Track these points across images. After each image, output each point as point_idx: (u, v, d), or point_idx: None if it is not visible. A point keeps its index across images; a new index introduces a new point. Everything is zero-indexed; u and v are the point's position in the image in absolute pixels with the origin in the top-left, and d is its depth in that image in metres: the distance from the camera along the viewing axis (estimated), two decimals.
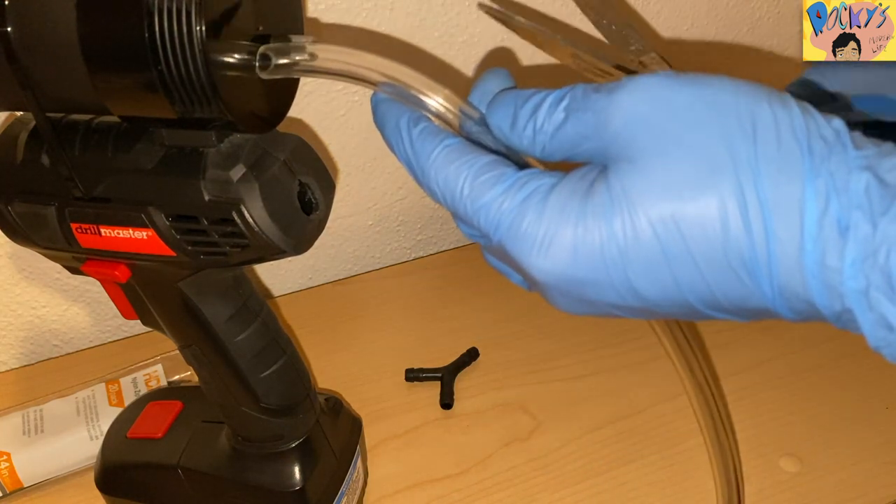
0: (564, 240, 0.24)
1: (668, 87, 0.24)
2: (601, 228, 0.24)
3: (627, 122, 0.24)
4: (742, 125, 0.23)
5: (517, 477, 0.51)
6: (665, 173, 0.23)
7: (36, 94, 0.32)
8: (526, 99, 0.27)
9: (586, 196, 0.24)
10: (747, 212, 0.22)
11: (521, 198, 0.25)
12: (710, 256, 0.23)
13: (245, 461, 0.43)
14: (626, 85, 0.24)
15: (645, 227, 0.23)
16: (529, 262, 0.25)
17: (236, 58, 0.29)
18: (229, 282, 0.38)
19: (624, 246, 0.23)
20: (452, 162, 0.26)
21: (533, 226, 0.24)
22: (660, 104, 0.24)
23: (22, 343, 0.63)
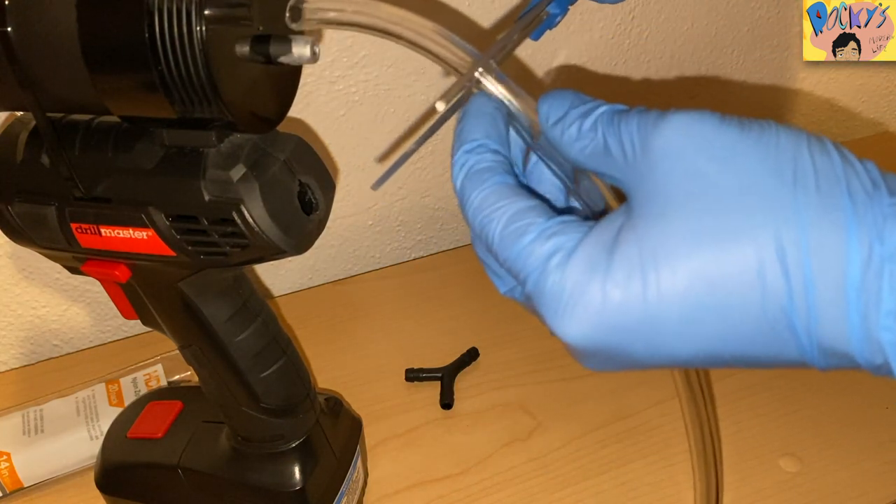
0: (589, 302, 0.23)
1: (710, 126, 0.23)
2: (629, 288, 0.22)
3: (666, 155, 0.23)
4: (781, 170, 0.22)
5: (517, 477, 0.51)
6: (698, 218, 0.22)
7: (36, 94, 0.32)
8: (583, 101, 0.26)
9: (613, 249, 0.23)
10: (786, 260, 0.21)
11: (547, 252, 0.24)
12: (745, 310, 0.21)
13: (245, 461, 0.43)
14: (670, 117, 0.23)
15: (677, 283, 0.22)
16: (554, 324, 0.24)
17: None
18: (229, 282, 0.38)
19: (655, 305, 0.22)
20: (490, 206, 0.25)
21: (557, 285, 0.23)
22: (699, 142, 0.23)
23: (22, 343, 0.63)
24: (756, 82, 0.82)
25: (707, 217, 0.22)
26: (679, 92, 0.78)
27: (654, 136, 0.23)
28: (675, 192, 0.22)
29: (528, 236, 0.24)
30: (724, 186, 0.22)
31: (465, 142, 0.27)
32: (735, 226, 0.21)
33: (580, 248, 0.24)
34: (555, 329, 0.24)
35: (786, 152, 0.22)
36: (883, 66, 0.86)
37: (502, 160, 0.27)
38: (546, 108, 0.26)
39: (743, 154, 0.22)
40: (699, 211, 0.22)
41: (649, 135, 0.23)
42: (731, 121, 0.23)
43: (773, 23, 0.78)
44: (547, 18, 0.34)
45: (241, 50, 0.29)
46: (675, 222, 0.22)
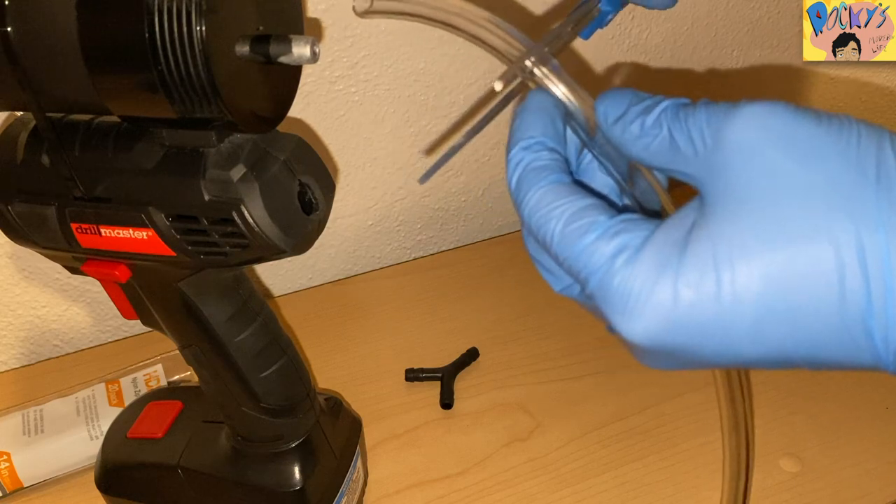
0: (659, 301, 0.22)
1: (787, 120, 0.22)
2: (702, 287, 0.21)
3: (740, 149, 0.22)
4: (863, 167, 0.21)
5: (517, 477, 0.51)
6: (775, 217, 0.21)
7: (36, 94, 0.32)
8: (642, 98, 0.25)
9: (684, 247, 0.22)
10: (866, 262, 0.20)
11: (613, 251, 0.23)
12: (821, 312, 0.21)
13: (245, 461, 0.43)
14: (743, 109, 0.22)
15: (752, 283, 0.21)
16: (619, 323, 0.23)
17: None
18: (229, 282, 0.38)
19: (729, 306, 0.21)
20: (547, 204, 0.25)
21: (624, 284, 0.22)
22: (775, 136, 0.22)
23: (22, 343, 0.63)
24: (756, 82, 0.82)
25: (785, 216, 0.21)
26: (679, 92, 0.78)
27: (726, 129, 0.22)
28: (751, 189, 0.22)
29: (591, 234, 0.24)
30: (803, 184, 0.21)
31: (521, 138, 0.27)
32: (814, 225, 0.21)
33: (648, 245, 0.23)
34: (620, 328, 0.23)
35: (868, 149, 0.21)
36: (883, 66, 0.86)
37: (559, 159, 0.26)
38: (604, 106, 0.26)
39: (822, 150, 0.21)
40: (777, 209, 0.21)
41: (721, 128, 0.22)
42: (807, 113, 0.22)
43: (773, 23, 0.78)
44: (598, 16, 0.34)
45: (241, 50, 0.29)
46: (752, 220, 0.21)
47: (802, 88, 0.85)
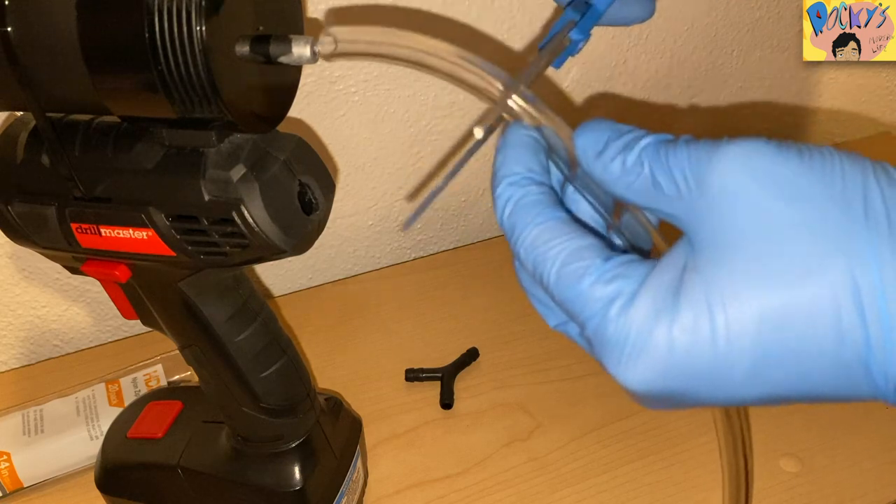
0: (655, 350, 0.22)
1: (769, 159, 0.22)
2: (697, 332, 0.21)
3: (725, 192, 0.22)
4: (849, 203, 0.21)
5: (517, 477, 0.51)
6: (766, 260, 0.21)
7: (36, 94, 0.32)
8: (621, 133, 0.25)
9: (678, 293, 0.22)
10: (861, 299, 0.20)
11: (608, 297, 0.23)
12: (818, 353, 0.21)
13: (245, 461, 0.43)
14: (725, 151, 0.22)
15: (747, 327, 0.21)
16: (616, 372, 0.23)
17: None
18: (229, 282, 0.38)
19: (725, 351, 0.21)
20: (543, 243, 0.25)
21: (619, 332, 0.22)
22: (759, 177, 0.21)
23: (22, 343, 0.63)
24: (756, 82, 0.82)
25: (776, 258, 0.21)
26: (679, 92, 0.78)
27: (709, 171, 0.22)
28: (740, 232, 0.22)
29: (586, 279, 0.23)
30: (791, 225, 0.21)
31: (507, 175, 0.26)
32: (806, 267, 0.21)
33: (642, 291, 0.23)
34: (617, 377, 0.23)
35: (853, 184, 0.21)
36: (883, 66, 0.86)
37: (549, 192, 0.26)
38: (583, 141, 0.25)
39: (807, 188, 0.21)
40: (767, 252, 0.21)
41: (704, 170, 0.22)
42: (790, 150, 0.22)
43: (773, 23, 0.78)
44: (569, 45, 0.33)
45: (241, 50, 0.29)
46: (743, 264, 0.21)
47: (802, 88, 0.85)
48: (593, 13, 0.33)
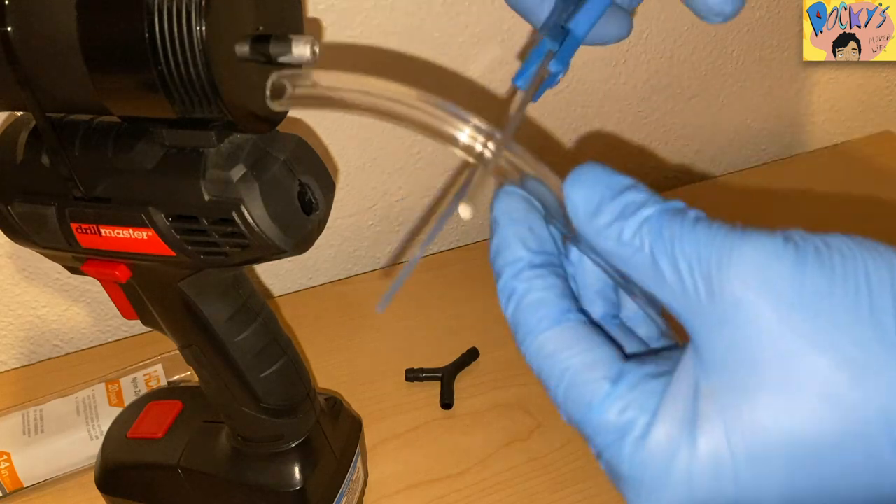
0: (674, 486, 0.20)
1: (789, 272, 0.19)
2: (718, 469, 0.20)
3: (740, 306, 0.20)
4: (881, 324, 0.19)
5: (517, 477, 0.51)
6: (795, 391, 0.19)
7: (36, 94, 0.32)
8: (618, 190, 0.22)
9: (694, 423, 0.20)
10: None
11: (619, 429, 0.21)
12: (854, 484, 0.19)
13: (245, 461, 0.43)
14: (739, 260, 0.20)
15: (775, 467, 0.19)
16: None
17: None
18: (229, 282, 0.38)
19: (751, 486, 0.20)
20: (548, 357, 0.23)
21: (635, 468, 0.21)
22: (782, 291, 0.19)
23: (22, 343, 0.63)
24: (756, 82, 0.82)
25: (802, 390, 0.19)
26: (679, 92, 0.78)
27: (721, 277, 0.20)
28: (759, 356, 0.20)
29: (595, 407, 0.21)
30: (818, 350, 0.19)
31: (506, 264, 0.24)
32: (836, 399, 0.19)
33: (658, 422, 0.21)
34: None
35: (881, 295, 0.19)
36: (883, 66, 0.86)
37: (554, 281, 0.24)
38: (575, 197, 0.23)
39: (833, 305, 0.19)
40: (793, 382, 0.19)
41: (716, 274, 0.20)
42: (807, 256, 0.20)
43: (773, 23, 0.78)
44: (548, 77, 0.31)
45: (241, 50, 0.29)
46: (766, 396, 0.19)
47: (802, 88, 0.85)
48: (573, 41, 0.31)
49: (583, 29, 0.31)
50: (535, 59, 0.30)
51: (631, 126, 0.78)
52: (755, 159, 0.87)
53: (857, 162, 0.81)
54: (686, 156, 0.83)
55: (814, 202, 0.73)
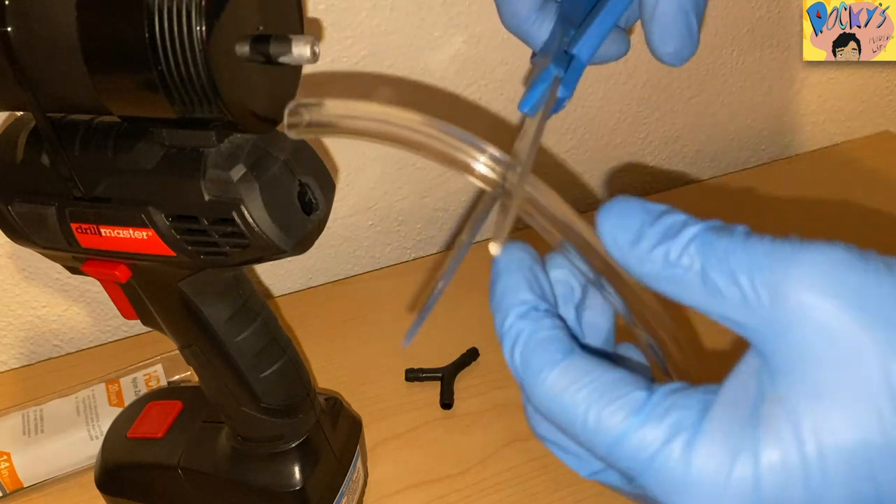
0: (738, 491, 0.19)
1: (860, 273, 0.19)
2: (788, 472, 0.19)
3: (809, 316, 0.19)
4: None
5: (517, 477, 0.51)
6: (863, 393, 0.19)
7: (36, 95, 0.32)
8: (656, 215, 0.22)
9: (757, 425, 0.20)
10: None
11: (666, 435, 0.20)
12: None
13: (245, 461, 0.43)
14: (802, 263, 0.19)
15: (841, 467, 0.19)
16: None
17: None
18: (229, 282, 0.38)
19: (819, 487, 0.19)
20: (568, 386, 0.22)
21: (690, 475, 0.20)
22: (848, 297, 0.19)
23: (22, 343, 0.63)
24: (756, 82, 0.82)
25: (876, 398, 0.19)
26: (679, 92, 0.78)
27: (787, 282, 0.19)
28: (831, 364, 0.19)
29: (632, 418, 0.20)
30: (884, 353, 0.19)
31: (513, 305, 0.24)
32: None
33: (708, 423, 0.20)
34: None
35: None
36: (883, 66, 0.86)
37: (562, 324, 0.23)
38: (611, 228, 0.22)
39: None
40: (866, 391, 0.19)
41: (780, 280, 0.19)
42: (874, 262, 0.19)
43: (773, 23, 0.78)
44: (556, 103, 0.31)
45: (241, 50, 0.29)
46: (839, 403, 0.19)
47: (802, 88, 0.85)
48: (577, 66, 0.30)
49: (587, 54, 0.31)
50: (540, 85, 0.30)
51: (631, 126, 0.78)
52: (755, 159, 0.87)
53: (857, 162, 0.81)
54: (686, 156, 0.83)
55: (814, 202, 0.73)
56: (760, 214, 0.72)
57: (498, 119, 0.69)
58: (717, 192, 0.77)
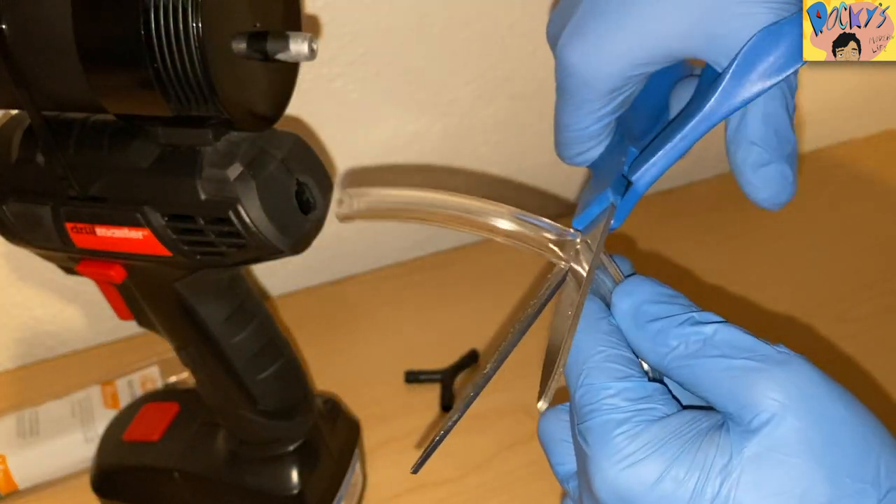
0: (649, 469, 0.23)
1: (828, 399, 0.23)
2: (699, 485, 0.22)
3: (782, 419, 0.22)
4: (874, 474, 0.22)
5: (518, 480, 0.50)
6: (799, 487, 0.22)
7: (31, 93, 0.31)
8: (678, 303, 0.25)
9: (695, 446, 0.23)
10: None
11: (630, 408, 0.24)
12: None
13: (242, 465, 0.43)
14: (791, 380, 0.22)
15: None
16: (601, 466, 0.24)
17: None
18: (226, 282, 0.38)
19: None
20: (592, 332, 0.26)
21: (625, 441, 0.23)
22: (815, 417, 0.22)
23: (17, 344, 0.63)
24: None
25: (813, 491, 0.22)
26: None
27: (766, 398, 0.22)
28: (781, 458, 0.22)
29: (621, 382, 0.25)
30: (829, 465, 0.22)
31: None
32: None
33: (662, 421, 0.24)
34: (597, 471, 0.24)
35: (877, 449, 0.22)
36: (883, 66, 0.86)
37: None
38: (625, 306, 0.26)
39: (850, 436, 0.22)
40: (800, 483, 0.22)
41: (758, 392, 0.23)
42: (837, 393, 0.23)
43: None
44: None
45: (237, 47, 0.29)
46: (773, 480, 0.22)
47: (803, 88, 0.85)
48: (633, 195, 0.30)
49: (646, 184, 0.30)
50: (596, 208, 0.30)
51: None
52: None
53: (858, 162, 0.81)
54: (688, 155, 0.82)
55: (814, 202, 0.73)
56: (762, 214, 0.71)
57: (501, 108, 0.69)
58: (719, 191, 0.76)
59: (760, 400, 0.22)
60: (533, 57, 0.67)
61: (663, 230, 0.68)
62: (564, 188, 0.76)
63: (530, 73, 0.67)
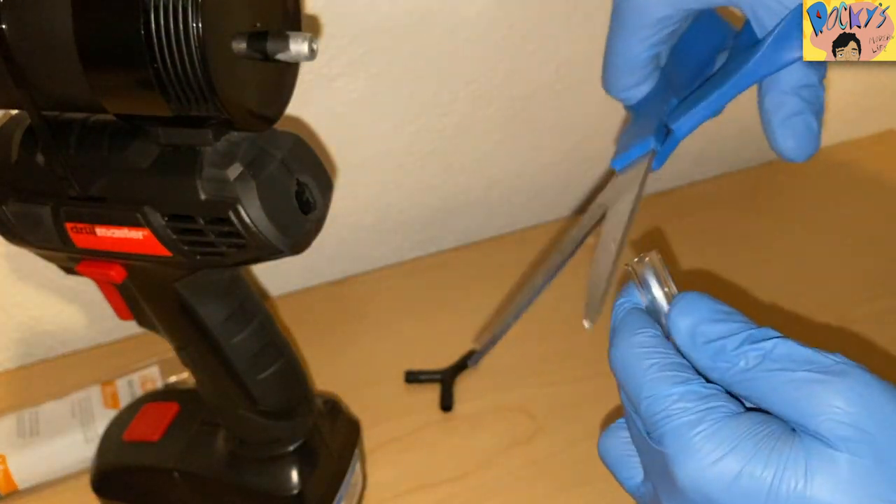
0: (730, 467, 0.24)
1: (889, 405, 0.23)
2: (778, 481, 0.23)
3: (847, 426, 0.23)
4: None
5: (518, 480, 0.50)
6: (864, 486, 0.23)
7: (31, 92, 0.31)
8: (735, 320, 0.26)
9: (769, 445, 0.24)
10: None
11: (699, 408, 0.25)
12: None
13: (242, 465, 0.43)
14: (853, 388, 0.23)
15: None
16: (686, 467, 0.24)
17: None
18: (226, 282, 0.38)
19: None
20: (637, 347, 0.28)
21: (703, 440, 0.24)
22: (878, 422, 0.23)
23: (17, 344, 0.63)
24: None
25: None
26: None
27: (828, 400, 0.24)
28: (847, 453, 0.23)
29: (684, 385, 0.26)
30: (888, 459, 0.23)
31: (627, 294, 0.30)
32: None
33: (735, 419, 0.25)
34: (681, 467, 0.25)
35: None
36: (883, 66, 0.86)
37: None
38: (686, 323, 0.27)
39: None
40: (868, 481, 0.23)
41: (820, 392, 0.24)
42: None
43: None
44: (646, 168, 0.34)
45: (237, 47, 0.29)
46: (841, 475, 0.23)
47: None
48: (672, 142, 0.33)
49: (685, 132, 0.33)
50: (636, 152, 0.33)
51: None
52: (757, 159, 0.87)
53: (859, 161, 0.81)
54: (688, 155, 0.82)
55: (815, 202, 0.73)
56: (762, 214, 0.72)
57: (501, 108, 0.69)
58: (719, 191, 0.76)
59: (825, 409, 0.23)
60: (533, 57, 0.66)
61: (663, 230, 0.68)
62: (564, 188, 0.76)
63: (530, 73, 0.67)
